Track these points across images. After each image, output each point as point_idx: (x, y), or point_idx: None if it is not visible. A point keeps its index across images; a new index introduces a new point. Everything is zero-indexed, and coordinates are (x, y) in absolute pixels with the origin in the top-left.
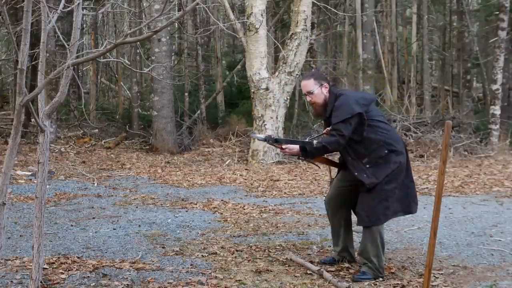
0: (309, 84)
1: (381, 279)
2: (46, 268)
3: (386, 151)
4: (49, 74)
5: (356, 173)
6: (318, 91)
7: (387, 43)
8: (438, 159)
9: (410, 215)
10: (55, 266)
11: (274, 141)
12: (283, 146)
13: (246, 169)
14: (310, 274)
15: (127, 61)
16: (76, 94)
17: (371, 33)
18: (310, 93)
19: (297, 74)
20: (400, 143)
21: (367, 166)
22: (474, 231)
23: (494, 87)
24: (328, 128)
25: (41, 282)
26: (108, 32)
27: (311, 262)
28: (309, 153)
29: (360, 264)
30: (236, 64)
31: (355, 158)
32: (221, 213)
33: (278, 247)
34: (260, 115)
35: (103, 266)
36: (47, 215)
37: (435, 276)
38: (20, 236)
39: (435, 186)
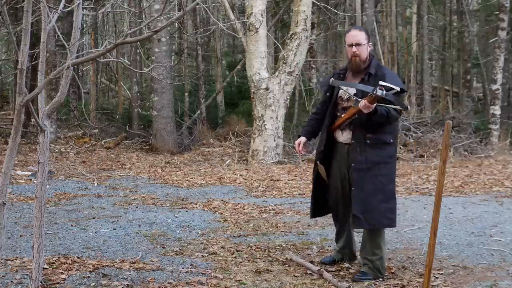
0: (361, 36)
1: (381, 279)
2: (46, 268)
3: (391, 140)
4: (49, 74)
5: (352, 141)
6: (365, 46)
7: (387, 43)
8: (438, 159)
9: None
10: (55, 266)
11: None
12: (374, 103)
13: (246, 169)
14: (310, 274)
15: (127, 61)
16: (76, 94)
17: (371, 33)
18: (358, 44)
19: (297, 74)
20: None
21: (367, 141)
22: (474, 231)
23: (494, 87)
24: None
25: (41, 282)
26: (108, 32)
27: (311, 262)
28: (377, 116)
29: (360, 264)
30: (236, 64)
31: (362, 127)
32: (221, 213)
33: (278, 247)
34: (260, 115)
35: (103, 266)
36: (47, 215)
37: (435, 276)
38: (20, 236)
39: (435, 186)
